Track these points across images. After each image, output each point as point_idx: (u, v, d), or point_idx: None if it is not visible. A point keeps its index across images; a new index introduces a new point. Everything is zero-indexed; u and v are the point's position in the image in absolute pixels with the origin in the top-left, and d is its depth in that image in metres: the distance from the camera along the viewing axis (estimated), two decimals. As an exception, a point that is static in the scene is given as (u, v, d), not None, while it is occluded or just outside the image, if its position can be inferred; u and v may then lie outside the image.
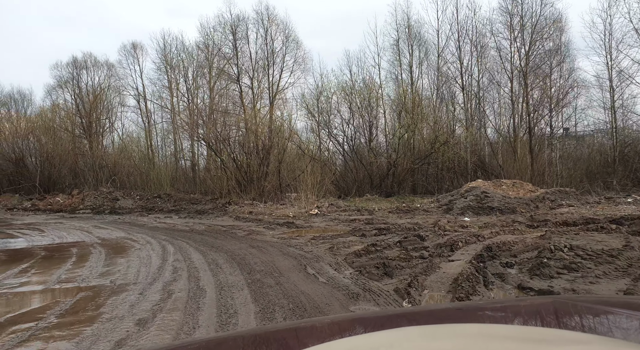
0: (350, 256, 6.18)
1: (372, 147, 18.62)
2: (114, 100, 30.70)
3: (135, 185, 23.48)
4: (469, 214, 12.40)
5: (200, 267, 5.90)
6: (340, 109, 19.79)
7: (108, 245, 8.39)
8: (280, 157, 17.35)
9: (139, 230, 10.85)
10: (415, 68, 21.07)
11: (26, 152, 24.54)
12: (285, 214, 14.29)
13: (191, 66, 30.51)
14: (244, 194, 17.58)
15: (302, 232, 10.24)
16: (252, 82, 20.49)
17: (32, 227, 11.89)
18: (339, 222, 11.87)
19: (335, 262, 5.93)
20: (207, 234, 9.89)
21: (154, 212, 17.79)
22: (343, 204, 15.28)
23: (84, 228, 11.50)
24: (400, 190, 17.78)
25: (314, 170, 15.85)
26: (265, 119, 19.32)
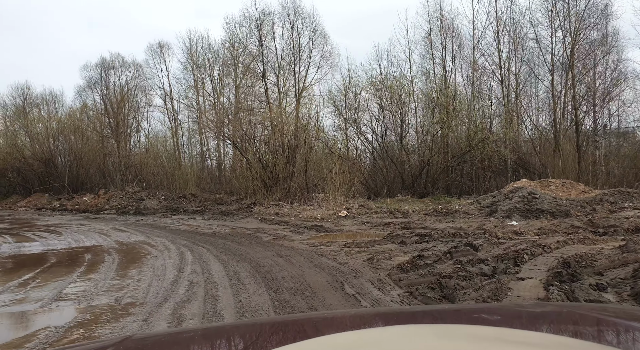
0: (395, 271, 5.18)
1: (403, 144, 17.47)
2: (140, 100, 30.62)
3: (160, 185, 23.11)
4: (515, 217, 11.15)
5: (220, 282, 5.03)
6: (369, 105, 18.75)
7: (123, 252, 7.67)
8: (306, 156, 16.46)
9: (159, 234, 10.16)
10: (448, 61, 19.77)
11: (56, 152, 24.57)
12: (313, 216, 13.38)
13: (217, 65, 30.13)
14: (270, 194, 16.78)
15: (332, 237, 9.29)
16: (278, 79, 19.72)
17: (52, 229, 11.41)
18: (371, 225, 10.86)
19: (377, 278, 4.95)
20: (230, 239, 9.08)
21: (178, 212, 17.23)
22: (374, 206, 14.24)
23: (103, 231, 10.91)
24: (435, 190, 16.58)
25: (342, 170, 14.88)
26: (291, 117, 18.48)
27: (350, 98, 18.97)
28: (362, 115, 18.40)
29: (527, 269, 5.11)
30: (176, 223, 13.19)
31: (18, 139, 25.75)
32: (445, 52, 19.78)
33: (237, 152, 22.87)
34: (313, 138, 17.07)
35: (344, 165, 16.25)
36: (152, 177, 23.52)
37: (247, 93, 21.08)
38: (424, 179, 16.93)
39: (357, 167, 15.91)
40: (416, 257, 5.68)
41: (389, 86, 17.80)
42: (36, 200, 22.70)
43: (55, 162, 24.27)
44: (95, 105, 29.62)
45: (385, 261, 5.78)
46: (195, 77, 30.43)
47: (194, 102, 30.41)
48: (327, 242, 8.25)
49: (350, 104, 18.64)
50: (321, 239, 8.98)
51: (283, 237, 9.22)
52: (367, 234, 9.63)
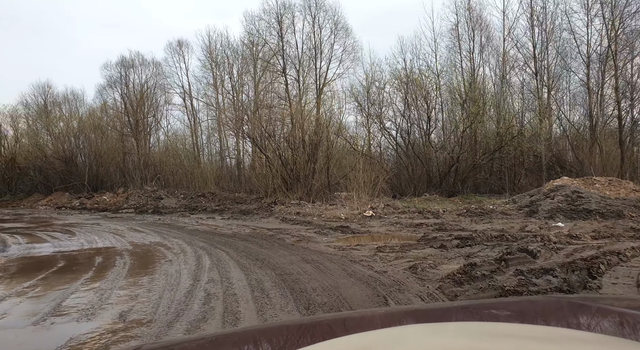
0: (446, 283, 4.36)
1: (430, 141, 16.51)
2: (160, 99, 30.38)
3: (179, 184, 22.69)
4: (559, 217, 10.15)
5: (241, 294, 4.30)
6: (394, 100, 17.84)
7: (137, 255, 7.04)
8: (328, 153, 15.68)
9: (176, 234, 9.54)
10: (476, 54, 18.69)
11: (76, 151, 24.44)
12: (336, 216, 12.61)
13: (236, 63, 29.67)
14: (290, 193, 16.08)
15: (361, 240, 8.49)
16: (299, 74, 18.98)
17: (67, 229, 10.93)
18: (401, 226, 10.01)
19: (427, 292, 4.14)
20: (251, 240, 8.37)
21: (197, 212, 16.69)
22: (400, 205, 13.37)
23: (118, 231, 10.37)
24: (464, 189, 15.58)
25: (366, 167, 14.06)
26: (312, 113, 17.73)
27: (374, 93, 18.12)
28: (386, 110, 17.53)
29: (608, 282, 4.22)
30: (194, 223, 12.60)
31: (40, 137, 25.73)
32: (474, 44, 18.73)
33: (257, 150, 22.28)
34: (335, 134, 16.28)
35: (367, 162, 15.41)
36: (171, 175, 23.13)
37: (266, 89, 20.42)
38: (452, 177, 15.94)
39: (380, 165, 15.03)
40: (468, 265, 4.84)
41: (415, 80, 16.85)
42: (57, 199, 22.56)
43: (76, 160, 24.12)
44: (115, 104, 29.53)
45: (430, 270, 4.96)
46: (214, 75, 30.03)
47: (213, 100, 30.12)
48: (356, 245, 7.46)
49: (373, 99, 17.78)
50: (349, 242, 8.19)
51: (307, 239, 8.47)
52: (399, 236, 8.80)
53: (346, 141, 17.20)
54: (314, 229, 10.14)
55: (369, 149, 18.94)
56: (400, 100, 17.23)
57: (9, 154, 25.10)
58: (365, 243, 7.79)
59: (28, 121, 27.02)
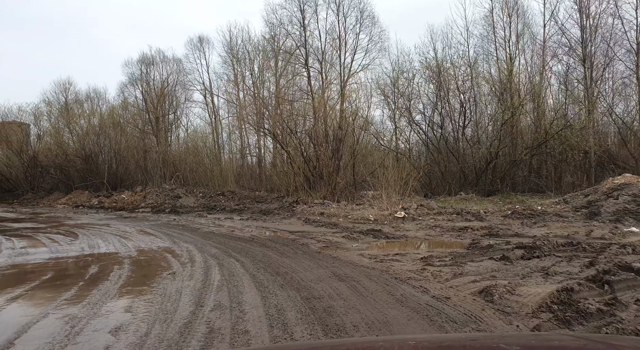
0: (544, 319, 3.04)
1: (465, 135, 15.02)
2: (180, 96, 29.68)
3: (199, 182, 21.81)
4: (629, 221, 8.62)
5: (255, 331, 3.11)
6: (424, 92, 16.40)
7: (138, 264, 5.97)
8: (354, 149, 14.40)
9: (188, 238, 8.47)
10: (513, 42, 17.03)
11: (96, 149, 23.86)
12: (365, 217, 11.35)
13: (257, 59, 28.72)
14: (313, 191, 14.88)
15: (398, 247, 7.22)
16: (322, 65, 17.73)
17: (73, 231, 10.02)
18: (442, 230, 8.67)
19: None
20: (271, 246, 7.21)
21: (215, 211, 15.70)
22: (435, 205, 11.99)
23: (126, 233, 9.38)
24: (503, 187, 14.05)
25: (395, 164, 12.74)
26: (335, 107, 16.48)
27: (402, 84, 16.73)
28: (415, 103, 16.12)
29: None
30: (211, 224, 11.55)
31: (61, 135, 25.32)
32: (510, 31, 17.07)
33: (278, 147, 21.21)
34: (361, 129, 14.98)
35: (395, 159, 14.06)
36: (190, 173, 22.27)
37: (288, 84, 19.27)
38: (489, 175, 14.43)
39: (409, 162, 13.66)
40: (563, 292, 3.51)
41: (448, 70, 15.38)
42: (76, 197, 22.03)
43: (96, 158, 23.55)
44: (137, 101, 28.97)
45: (509, 297, 3.64)
46: (235, 71, 29.14)
47: (234, 97, 29.23)
48: (395, 254, 6.18)
49: (402, 91, 16.38)
50: (385, 250, 6.93)
51: (335, 245, 7.25)
52: (442, 243, 7.48)
53: (373, 136, 15.88)
54: (342, 232, 8.91)
55: (396, 145, 17.56)
56: (431, 92, 15.79)
57: (31, 152, 24.78)
58: (404, 251, 6.50)
59: (50, 119, 26.74)
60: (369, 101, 15.97)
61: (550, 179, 15.04)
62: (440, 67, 15.22)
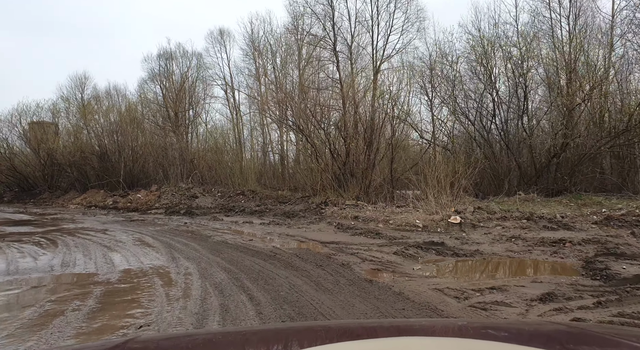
0: None
1: (522, 124, 12.51)
2: (201, 92, 28.06)
3: (218, 180, 20.01)
4: None
5: None
6: (469, 76, 14.00)
7: (109, 298, 4.02)
8: (392, 142, 12.19)
9: (193, 252, 6.51)
10: (571, 19, 14.43)
11: (112, 146, 22.37)
12: (411, 223, 9.16)
13: (279, 50, 26.89)
14: (344, 191, 12.75)
15: (484, 272, 5.04)
16: (351, 49, 15.57)
17: (62, 238, 8.22)
18: (525, 244, 6.42)
19: None
20: (299, 267, 5.15)
21: (234, 213, 13.80)
22: (497, 208, 9.67)
23: (120, 243, 7.49)
24: (572, 186, 11.55)
25: (443, 159, 10.49)
26: (367, 96, 14.29)
27: (444, 69, 14.38)
28: (459, 90, 13.74)
29: None
30: (226, 229, 9.61)
31: (77, 132, 24.02)
32: (570, 4, 14.47)
33: (302, 142, 19.22)
34: (398, 119, 12.76)
35: (439, 153, 11.78)
36: (208, 172, 20.49)
37: (314, 70, 17.17)
38: (552, 171, 11.95)
39: (456, 156, 11.33)
40: None
41: (499, 50, 12.92)
42: (91, 197, 20.60)
43: (112, 156, 22.06)
44: (156, 97, 27.52)
45: None
46: (256, 65, 27.37)
47: (256, 91, 27.45)
48: (489, 288, 4.00)
49: (445, 76, 14.04)
50: (466, 277, 4.77)
51: (389, 267, 5.13)
52: (540, 265, 5.24)
53: (411, 127, 13.62)
54: (389, 244, 6.77)
55: (434, 137, 15.20)
56: (479, 76, 13.36)
57: (48, 150, 23.58)
58: (499, 281, 4.32)
59: (68, 116, 25.55)
60: (406, 88, 13.72)
61: (622, 176, 12.41)
62: (491, 46, 12.82)
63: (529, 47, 12.45)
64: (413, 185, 11.32)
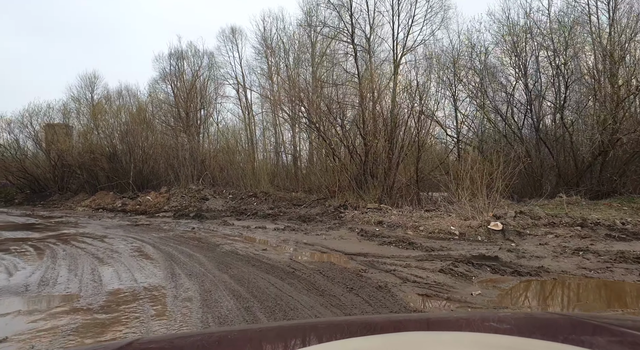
0: None
1: (563, 119, 11.21)
2: (212, 93, 27.23)
3: (229, 182, 19.07)
4: None
5: None
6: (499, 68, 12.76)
7: (86, 330, 2.98)
8: (419, 139, 11.03)
9: (197, 266, 5.50)
10: (611, 3, 13.07)
11: (122, 146, 21.60)
12: (444, 230, 8.02)
13: (292, 48, 25.98)
14: (364, 192, 11.64)
15: (567, 296, 3.91)
16: (370, 41, 14.45)
17: (51, 247, 7.28)
18: (599, 259, 5.24)
19: None
20: (324, 290, 4.09)
21: (246, 216, 12.80)
22: (542, 213, 8.45)
23: (118, 254, 6.52)
24: (620, 187, 10.24)
25: (478, 158, 9.32)
26: (388, 89, 13.17)
27: (470, 61, 13.16)
28: (490, 83, 12.51)
29: None
30: (237, 235, 8.59)
31: (87, 133, 23.34)
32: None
33: (316, 141, 18.22)
34: (423, 115, 11.59)
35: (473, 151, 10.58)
36: (219, 172, 19.56)
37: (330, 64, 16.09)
38: (597, 170, 10.66)
39: (495, 154, 10.12)
40: None
41: (533, 39, 11.65)
42: (100, 199, 19.84)
43: (121, 157, 21.30)
44: (167, 97, 26.79)
45: None
46: (269, 64, 26.49)
47: (268, 90, 26.55)
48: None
49: (474, 68, 12.81)
50: (546, 304, 3.63)
51: (439, 292, 4.03)
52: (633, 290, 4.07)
53: (437, 124, 12.42)
54: (428, 257, 5.65)
55: (459, 134, 13.98)
56: (512, 67, 12.12)
57: (58, 151, 22.96)
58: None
59: (79, 116, 24.92)
60: (429, 83, 12.54)
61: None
62: (525, 34, 11.56)
63: (569, 34, 11.16)
64: (443, 187, 10.15)
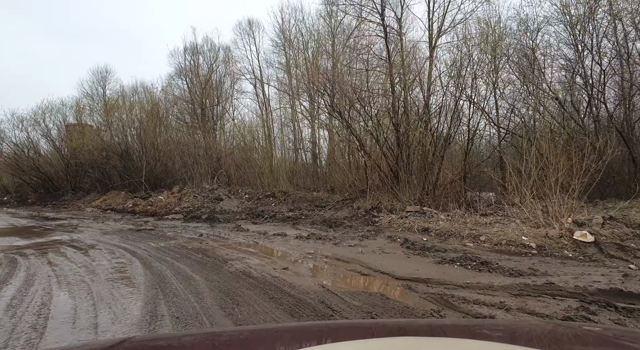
0: None
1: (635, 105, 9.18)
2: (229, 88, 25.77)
3: (245, 181, 17.48)
4: None
5: None
6: (550, 49, 10.75)
7: None
8: (469, 128, 9.13)
9: (194, 296, 3.83)
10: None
11: (134, 144, 20.27)
12: (514, 241, 6.18)
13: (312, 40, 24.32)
14: (400, 192, 9.80)
15: None
16: (401, 21, 12.59)
17: (25, 259, 5.73)
18: None
19: None
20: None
21: (263, 219, 11.17)
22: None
23: (94, 274, 4.90)
24: None
25: (553, 150, 7.38)
26: (423, 73, 11.29)
27: (522, 39, 11.17)
28: (548, 64, 10.54)
29: None
30: (251, 246, 6.91)
31: (99, 130, 22.14)
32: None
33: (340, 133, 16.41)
34: (471, 102, 9.68)
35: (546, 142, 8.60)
36: (235, 171, 18.00)
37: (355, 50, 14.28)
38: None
39: (566, 146, 8.15)
40: None
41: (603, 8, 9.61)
42: (111, 199, 18.55)
43: (133, 154, 19.97)
44: (182, 93, 25.46)
45: None
46: (287, 56, 24.89)
47: (286, 86, 24.96)
48: None
49: (531, 45, 10.81)
50: None
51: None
52: None
53: (483, 112, 10.46)
54: (524, 288, 3.85)
55: (497, 122, 11.96)
56: (575, 44, 10.09)
57: (70, 149, 21.84)
58: None
59: (92, 113, 23.81)
60: (470, 64, 10.58)
61: None
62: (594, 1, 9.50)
63: None
64: (497, 185, 8.23)
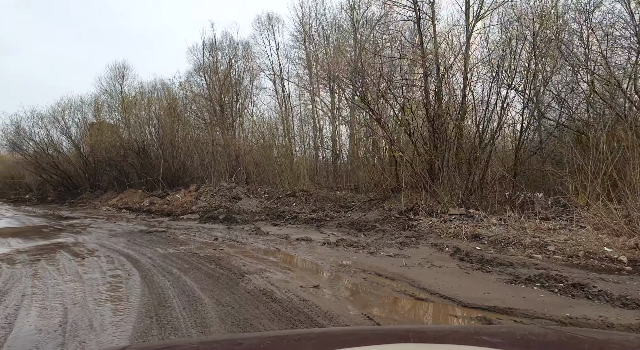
0: None
1: None
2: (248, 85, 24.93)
3: (264, 179, 16.54)
4: None
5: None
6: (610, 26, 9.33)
7: None
8: (522, 118, 7.86)
9: (200, 328, 2.74)
10: None
11: (152, 141, 19.61)
12: (597, 253, 4.94)
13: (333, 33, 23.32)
14: (441, 191, 8.60)
15: None
16: (433, 6, 11.34)
17: (11, 267, 4.84)
18: None
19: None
20: None
21: (284, 220, 10.16)
22: None
23: (76, 291, 3.93)
24: None
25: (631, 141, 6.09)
26: (460, 60, 10.03)
27: (576, 18, 9.81)
28: (610, 44, 9.16)
29: None
30: (272, 254, 5.89)
31: (117, 127, 21.61)
32: None
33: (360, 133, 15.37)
34: (520, 91, 8.38)
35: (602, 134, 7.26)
36: (254, 169, 17.07)
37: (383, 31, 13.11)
38: None
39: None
40: None
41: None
42: (127, 198, 17.91)
43: (151, 152, 19.30)
44: (201, 90, 24.77)
45: None
46: (307, 51, 23.90)
47: (306, 82, 23.98)
48: None
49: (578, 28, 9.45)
50: None
51: None
52: None
53: (531, 101, 9.13)
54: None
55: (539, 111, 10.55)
56: None
57: (88, 147, 21.41)
58: None
59: (110, 110, 23.35)
60: (515, 50, 9.27)
61: None
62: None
63: None
64: (560, 185, 6.95)
